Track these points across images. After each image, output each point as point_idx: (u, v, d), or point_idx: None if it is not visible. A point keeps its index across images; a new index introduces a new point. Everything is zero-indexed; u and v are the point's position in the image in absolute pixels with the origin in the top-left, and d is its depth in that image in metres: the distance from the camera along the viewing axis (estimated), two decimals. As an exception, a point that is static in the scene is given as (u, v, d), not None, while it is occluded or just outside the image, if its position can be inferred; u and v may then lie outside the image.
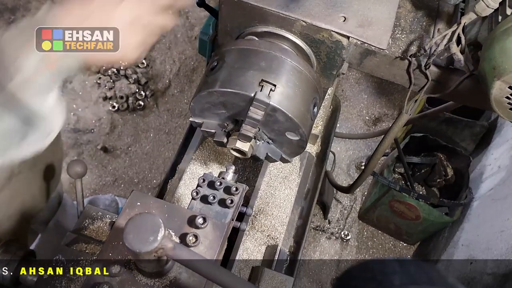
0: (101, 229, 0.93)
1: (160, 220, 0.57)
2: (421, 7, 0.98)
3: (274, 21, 0.90)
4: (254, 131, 0.91)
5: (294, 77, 0.86)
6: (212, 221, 0.71)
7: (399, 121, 1.03)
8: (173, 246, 0.57)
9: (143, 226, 0.56)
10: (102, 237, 0.92)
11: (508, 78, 0.75)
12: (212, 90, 0.83)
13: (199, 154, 1.22)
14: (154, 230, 0.56)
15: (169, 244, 0.56)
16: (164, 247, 0.56)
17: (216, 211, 0.80)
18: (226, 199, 0.80)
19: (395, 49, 0.93)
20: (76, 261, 0.84)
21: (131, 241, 0.55)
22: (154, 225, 0.56)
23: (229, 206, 0.80)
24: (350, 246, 2.26)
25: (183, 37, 2.77)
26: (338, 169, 2.44)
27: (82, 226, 0.93)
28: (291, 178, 1.21)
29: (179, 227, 0.69)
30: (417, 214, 1.96)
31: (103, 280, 0.64)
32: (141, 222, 0.56)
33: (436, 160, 2.15)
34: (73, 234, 0.90)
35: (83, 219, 0.94)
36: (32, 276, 0.84)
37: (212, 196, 0.80)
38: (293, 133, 0.88)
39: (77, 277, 0.82)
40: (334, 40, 0.89)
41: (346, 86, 2.71)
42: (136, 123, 2.48)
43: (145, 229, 0.56)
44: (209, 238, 0.69)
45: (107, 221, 0.94)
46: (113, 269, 0.64)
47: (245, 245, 1.08)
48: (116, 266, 0.64)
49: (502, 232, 1.60)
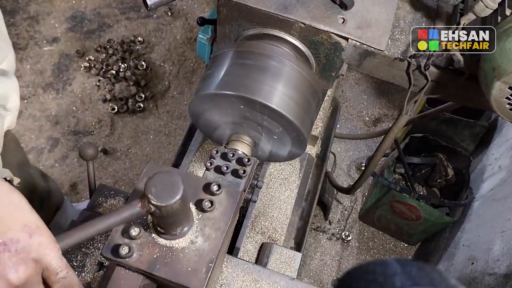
0: (114, 206, 0.96)
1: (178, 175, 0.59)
2: (420, 8, 0.98)
3: (273, 23, 0.90)
4: (256, 134, 0.91)
5: (295, 80, 0.86)
6: (226, 189, 0.72)
7: (399, 122, 1.03)
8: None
9: (163, 183, 0.58)
10: None
11: (508, 79, 0.75)
12: (214, 92, 0.83)
13: (198, 156, 1.22)
14: (174, 184, 0.58)
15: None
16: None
17: (229, 181, 0.82)
18: (239, 170, 0.82)
19: (395, 50, 0.93)
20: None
21: (155, 195, 0.57)
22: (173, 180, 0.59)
23: (242, 176, 0.82)
24: (351, 246, 2.26)
25: (182, 39, 2.77)
26: (338, 170, 2.43)
27: (96, 204, 0.96)
28: (291, 180, 1.21)
29: (195, 193, 0.71)
30: (418, 215, 1.96)
31: (123, 242, 0.65)
32: (160, 179, 0.58)
33: (437, 160, 2.14)
34: (87, 211, 0.92)
35: (96, 197, 0.96)
36: None
37: (226, 167, 0.82)
38: (292, 135, 0.88)
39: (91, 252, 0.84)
40: (333, 42, 0.89)
41: (346, 87, 2.71)
42: (136, 125, 2.48)
43: (166, 184, 0.58)
44: (223, 204, 0.71)
45: (120, 198, 0.97)
46: (133, 231, 0.65)
47: (245, 247, 1.08)
48: (135, 228, 0.65)
49: (503, 232, 1.59)
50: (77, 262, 0.83)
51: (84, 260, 0.83)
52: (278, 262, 0.98)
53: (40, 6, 2.81)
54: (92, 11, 2.83)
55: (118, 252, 0.63)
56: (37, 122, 2.44)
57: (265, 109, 0.82)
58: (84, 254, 0.84)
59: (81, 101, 2.53)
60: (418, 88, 0.96)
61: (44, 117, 2.46)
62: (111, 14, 2.83)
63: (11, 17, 2.74)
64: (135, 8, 2.86)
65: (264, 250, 1.02)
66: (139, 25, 2.80)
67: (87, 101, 2.53)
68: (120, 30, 2.77)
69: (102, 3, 2.86)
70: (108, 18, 2.81)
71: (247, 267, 0.86)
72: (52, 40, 2.70)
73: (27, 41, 2.67)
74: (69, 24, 2.76)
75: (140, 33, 2.76)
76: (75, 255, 0.84)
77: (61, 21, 2.77)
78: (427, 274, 0.37)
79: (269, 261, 0.98)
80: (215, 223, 0.69)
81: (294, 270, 0.98)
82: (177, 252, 0.66)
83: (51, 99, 2.52)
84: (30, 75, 2.57)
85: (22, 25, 2.72)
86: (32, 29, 2.72)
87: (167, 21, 2.83)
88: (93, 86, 2.57)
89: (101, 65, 2.59)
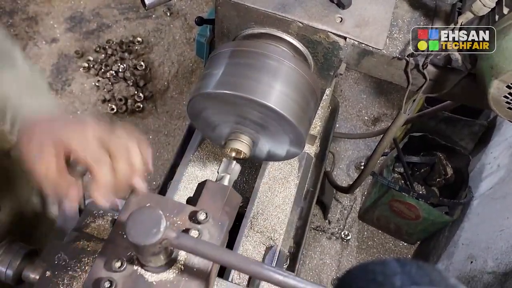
0: (103, 226, 0.94)
1: (160, 212, 0.57)
2: (418, 7, 0.98)
3: (271, 22, 0.90)
4: (254, 133, 0.91)
5: (293, 79, 0.86)
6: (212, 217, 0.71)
7: (398, 121, 1.03)
8: (176, 236, 0.57)
9: (144, 219, 0.57)
10: (104, 235, 0.92)
11: (506, 77, 0.75)
12: (220, 92, 0.83)
13: (197, 155, 1.22)
14: (156, 222, 0.56)
15: (172, 234, 0.57)
16: (167, 237, 0.57)
17: None
18: None
19: (393, 49, 0.93)
20: (78, 258, 0.84)
21: (135, 234, 0.55)
22: (155, 217, 0.57)
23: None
24: (351, 246, 2.26)
25: (181, 39, 2.77)
26: (337, 169, 2.44)
27: (84, 224, 0.93)
28: (290, 179, 1.21)
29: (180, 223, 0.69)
30: (417, 214, 1.96)
31: (105, 276, 0.64)
32: (142, 216, 0.57)
33: (436, 159, 2.15)
34: (75, 232, 0.91)
35: (85, 217, 0.95)
36: (34, 274, 0.85)
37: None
38: (290, 134, 0.88)
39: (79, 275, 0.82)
40: (331, 41, 0.89)
41: (345, 86, 2.71)
42: (135, 125, 2.48)
43: (147, 222, 0.56)
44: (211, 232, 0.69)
45: (108, 219, 0.95)
46: (116, 264, 0.64)
47: (244, 246, 1.07)
48: (118, 261, 0.64)
49: (502, 231, 1.60)
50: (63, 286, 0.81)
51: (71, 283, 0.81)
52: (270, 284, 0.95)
53: (39, 6, 2.81)
54: (91, 11, 2.83)
55: (99, 286, 0.61)
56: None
57: (263, 108, 0.82)
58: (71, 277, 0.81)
59: (80, 101, 2.53)
60: (417, 87, 0.96)
61: (43, 117, 2.46)
62: (110, 14, 2.83)
63: (10, 17, 2.74)
64: (134, 9, 2.86)
65: None
66: (138, 26, 2.80)
67: (86, 102, 2.53)
68: (119, 30, 2.77)
69: (101, 4, 2.86)
70: (107, 18, 2.81)
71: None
72: (51, 41, 2.70)
73: (26, 42, 2.67)
74: (68, 24, 2.76)
75: (139, 33, 2.77)
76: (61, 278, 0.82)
77: (60, 21, 2.77)
78: (426, 273, 0.37)
79: (261, 283, 0.95)
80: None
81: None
82: (162, 285, 0.64)
83: (50, 100, 2.52)
84: (29, 75, 2.57)
85: (21, 25, 2.72)
86: (31, 30, 2.72)
87: (166, 21, 2.83)
88: (92, 87, 2.57)
89: (100, 66, 2.59)
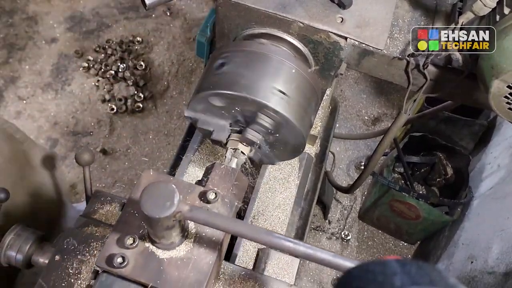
0: (110, 212, 0.96)
1: (173, 186, 0.58)
2: (419, 7, 0.98)
3: (272, 22, 0.90)
4: (259, 136, 0.90)
5: (294, 79, 0.86)
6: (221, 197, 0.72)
7: (398, 121, 1.03)
8: (190, 208, 0.58)
9: (158, 194, 0.57)
10: (112, 221, 0.94)
11: (507, 77, 0.75)
12: (221, 92, 0.83)
13: (198, 155, 1.22)
14: (169, 196, 0.57)
15: (185, 207, 0.58)
16: (181, 210, 0.58)
17: None
18: None
19: (393, 49, 0.93)
20: (87, 243, 0.86)
21: (150, 208, 0.56)
22: (169, 191, 0.58)
23: None
24: (351, 246, 2.26)
25: (181, 39, 2.77)
26: (337, 170, 2.43)
27: (92, 210, 0.95)
28: (290, 179, 1.21)
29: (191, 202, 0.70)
30: (417, 214, 1.96)
31: (118, 252, 0.65)
32: (156, 190, 0.58)
33: (436, 159, 2.15)
34: (83, 218, 0.92)
35: (93, 203, 0.95)
36: (44, 258, 0.86)
37: None
38: (292, 135, 0.88)
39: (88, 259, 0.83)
40: (331, 41, 0.89)
41: (345, 86, 2.71)
42: (135, 125, 2.48)
43: (161, 196, 0.57)
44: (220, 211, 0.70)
45: (116, 205, 0.96)
46: (128, 241, 0.64)
47: (245, 247, 1.07)
48: (130, 238, 0.64)
49: (502, 231, 1.60)
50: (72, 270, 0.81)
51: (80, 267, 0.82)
52: (276, 268, 0.96)
53: (39, 6, 2.81)
54: (91, 11, 2.82)
55: (113, 262, 0.62)
56: (36, 122, 2.44)
57: (263, 108, 0.82)
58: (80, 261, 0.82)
59: (80, 101, 2.53)
60: (417, 87, 0.96)
61: (43, 117, 2.46)
62: (110, 14, 2.83)
63: (9, 17, 2.73)
64: (134, 8, 2.86)
65: (261, 255, 1.00)
66: (138, 25, 2.80)
67: (86, 102, 2.53)
68: (119, 30, 2.77)
69: (101, 3, 2.86)
70: (107, 18, 2.81)
71: (244, 274, 0.84)
72: (51, 40, 2.70)
73: (26, 42, 2.67)
74: (67, 24, 2.76)
75: (139, 33, 2.76)
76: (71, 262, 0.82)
77: (60, 21, 2.77)
78: (426, 273, 0.37)
79: (266, 267, 0.96)
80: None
81: (292, 276, 0.95)
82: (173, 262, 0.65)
83: (50, 100, 2.52)
84: (29, 75, 2.57)
85: (20, 25, 2.72)
86: (31, 30, 2.72)
87: (166, 21, 2.83)
88: (92, 87, 2.56)
89: (100, 65, 2.59)
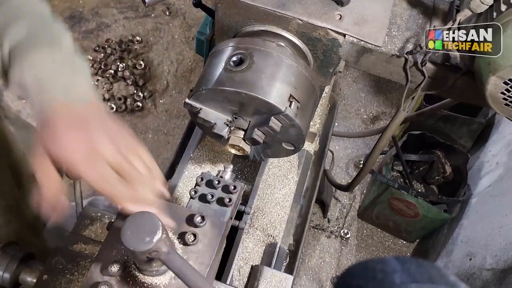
0: (100, 229, 0.93)
1: (159, 222, 0.56)
2: (417, 5, 0.99)
3: (271, 19, 0.90)
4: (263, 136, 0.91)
5: (293, 76, 0.86)
6: (210, 220, 0.70)
7: (396, 119, 1.04)
8: (167, 251, 0.56)
9: (142, 225, 0.56)
10: (101, 238, 0.91)
11: (503, 73, 0.75)
12: (211, 88, 0.83)
13: (197, 153, 1.23)
14: (151, 231, 0.55)
15: (163, 248, 0.56)
16: (158, 250, 0.55)
17: (215, 210, 0.80)
18: (225, 198, 0.80)
19: (392, 46, 0.93)
20: (75, 261, 0.84)
21: (128, 238, 0.55)
22: (153, 226, 0.56)
23: (228, 204, 0.80)
24: (350, 244, 2.26)
25: (180, 38, 2.78)
26: (336, 168, 2.44)
27: (81, 227, 0.93)
28: (289, 177, 1.21)
29: (178, 226, 0.69)
30: (416, 212, 1.97)
31: (102, 280, 0.63)
32: (140, 221, 0.56)
33: (434, 157, 2.15)
34: (72, 234, 0.90)
35: (82, 219, 0.94)
36: (31, 277, 0.84)
37: (211, 195, 0.80)
38: (291, 132, 0.88)
39: (76, 278, 0.82)
40: (330, 38, 0.89)
41: (344, 84, 2.72)
42: (135, 124, 2.49)
43: (143, 229, 0.55)
44: (208, 236, 0.69)
45: (106, 221, 0.94)
46: (112, 268, 0.63)
47: (244, 243, 1.08)
48: (115, 265, 0.63)
49: (501, 228, 1.60)
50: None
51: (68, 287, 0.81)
52: (268, 286, 0.95)
53: (38, 6, 2.81)
54: (90, 10, 2.83)
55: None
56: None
57: (263, 105, 0.83)
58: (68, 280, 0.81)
59: (80, 100, 2.53)
60: (415, 85, 0.97)
61: (43, 116, 2.46)
62: (109, 13, 2.83)
63: (9, 17, 2.73)
64: (133, 8, 2.86)
65: (255, 273, 0.99)
66: (137, 25, 2.80)
67: (86, 101, 2.53)
68: (118, 29, 2.77)
69: (100, 3, 2.86)
70: (106, 17, 2.81)
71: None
72: (50, 40, 2.70)
73: (25, 41, 2.67)
74: (67, 23, 2.76)
75: (138, 32, 2.77)
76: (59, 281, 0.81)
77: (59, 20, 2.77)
78: (426, 271, 0.37)
79: (259, 285, 0.95)
80: (198, 256, 0.66)
81: None
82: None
83: (50, 99, 2.52)
84: (28, 75, 2.57)
85: (20, 25, 2.72)
86: (30, 29, 2.72)
87: (165, 20, 2.83)
88: (91, 86, 2.56)
89: (100, 65, 2.59)
